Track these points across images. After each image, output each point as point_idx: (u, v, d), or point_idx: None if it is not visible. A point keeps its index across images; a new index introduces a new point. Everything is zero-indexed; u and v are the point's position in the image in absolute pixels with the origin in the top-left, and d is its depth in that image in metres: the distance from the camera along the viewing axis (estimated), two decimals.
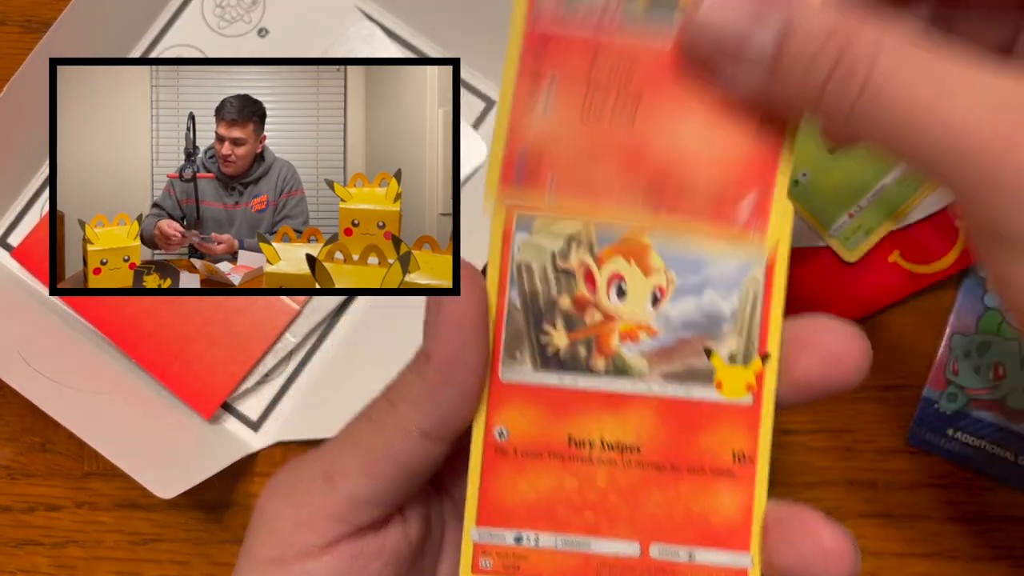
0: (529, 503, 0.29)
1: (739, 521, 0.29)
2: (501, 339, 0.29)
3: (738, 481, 0.29)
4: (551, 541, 0.29)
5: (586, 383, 0.29)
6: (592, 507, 0.29)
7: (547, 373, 0.29)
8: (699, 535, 0.29)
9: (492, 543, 0.29)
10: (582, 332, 0.29)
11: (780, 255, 0.29)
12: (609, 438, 0.29)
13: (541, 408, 0.29)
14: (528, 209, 0.29)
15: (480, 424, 0.29)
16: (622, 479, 0.29)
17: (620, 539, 0.29)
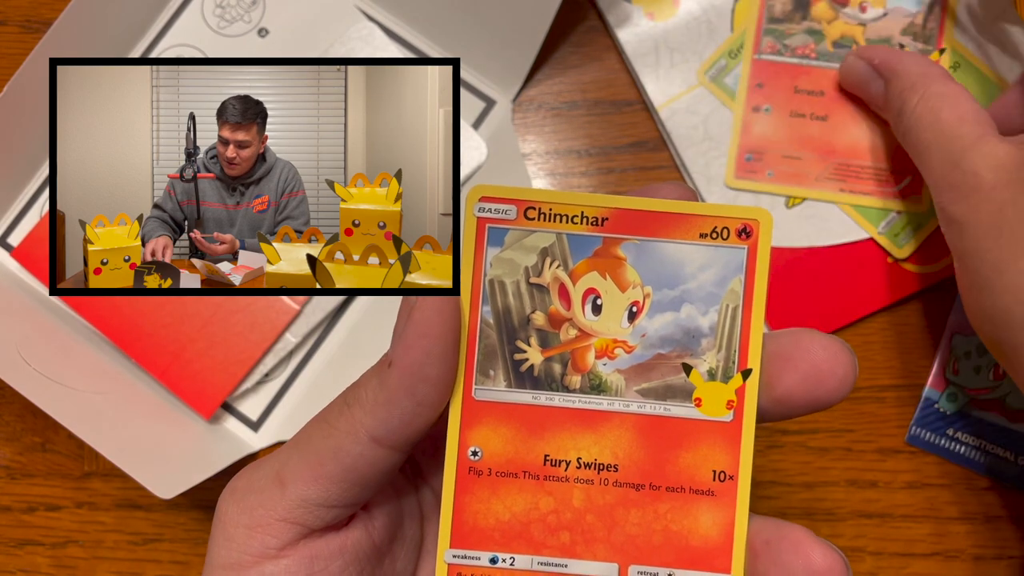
0: (504, 524, 0.29)
1: (720, 541, 0.29)
2: (474, 356, 0.29)
3: (719, 500, 0.29)
4: (527, 563, 0.29)
5: (562, 401, 0.29)
6: (569, 528, 0.29)
7: (521, 391, 0.29)
8: (679, 556, 0.29)
9: (467, 564, 0.29)
10: (557, 348, 0.29)
11: (760, 267, 0.29)
12: (586, 457, 0.29)
13: (516, 427, 0.29)
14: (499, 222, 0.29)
15: (453, 444, 0.29)
16: (599, 499, 0.29)
17: (598, 560, 0.29)
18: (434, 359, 0.27)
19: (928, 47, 0.51)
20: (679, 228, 0.29)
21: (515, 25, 0.52)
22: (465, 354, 0.29)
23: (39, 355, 0.48)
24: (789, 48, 0.52)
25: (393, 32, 0.55)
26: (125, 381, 0.51)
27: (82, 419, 0.45)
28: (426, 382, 0.27)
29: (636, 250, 0.29)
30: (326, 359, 0.53)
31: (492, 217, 0.29)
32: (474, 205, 0.29)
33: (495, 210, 0.29)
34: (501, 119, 0.54)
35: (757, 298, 0.29)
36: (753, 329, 0.29)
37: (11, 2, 0.56)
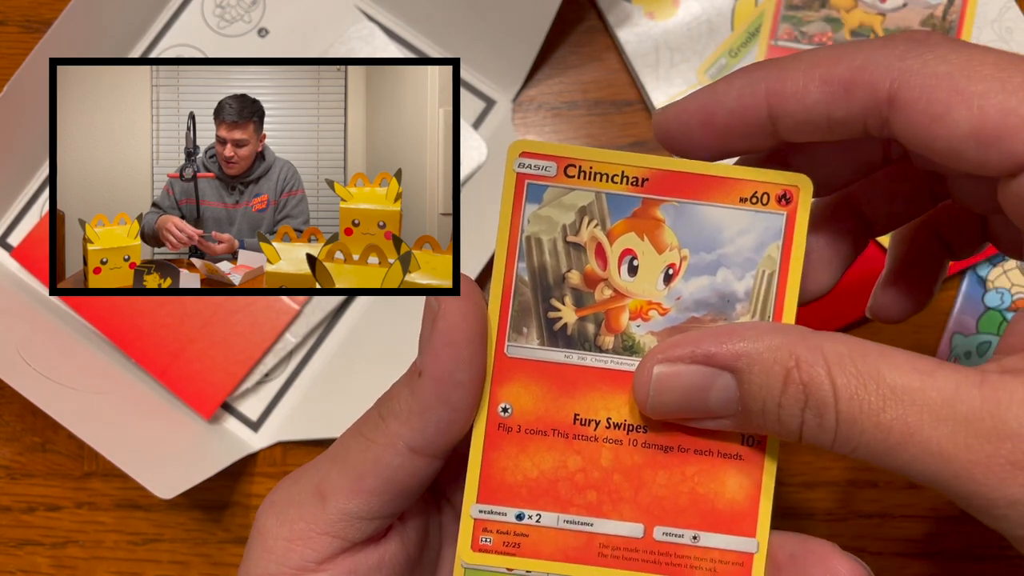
0: (531, 481, 0.29)
1: (746, 506, 0.29)
2: (508, 313, 0.29)
3: (746, 465, 0.29)
4: (553, 520, 0.29)
5: (594, 360, 0.29)
6: (596, 487, 0.29)
7: (554, 349, 0.29)
8: (704, 519, 0.29)
9: (493, 520, 0.29)
10: (591, 308, 0.29)
11: (798, 234, 0.29)
12: (615, 418, 0.29)
13: (547, 385, 0.29)
14: (539, 178, 0.29)
15: (484, 399, 0.29)
16: (627, 460, 0.29)
17: (623, 520, 0.29)
18: (463, 365, 0.27)
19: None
20: (719, 191, 0.29)
21: (515, 25, 0.52)
22: (499, 310, 0.29)
23: (39, 355, 0.48)
24: (806, 35, 0.52)
25: (393, 32, 0.55)
26: (125, 381, 0.51)
27: (82, 419, 0.45)
28: (458, 388, 0.27)
29: (675, 212, 0.29)
30: (326, 359, 0.53)
31: (532, 173, 0.29)
32: (514, 160, 0.29)
33: (535, 166, 0.29)
34: (501, 119, 0.54)
35: (794, 265, 0.29)
36: (788, 296, 0.29)
37: (11, 2, 0.56)
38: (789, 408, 0.25)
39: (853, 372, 0.24)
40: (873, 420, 0.24)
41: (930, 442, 0.23)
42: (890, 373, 0.24)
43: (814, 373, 0.25)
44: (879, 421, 0.24)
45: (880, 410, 0.24)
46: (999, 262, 0.51)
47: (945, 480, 0.24)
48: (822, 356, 0.25)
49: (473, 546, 0.29)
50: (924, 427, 0.24)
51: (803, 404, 0.25)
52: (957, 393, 0.24)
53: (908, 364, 0.24)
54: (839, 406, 0.24)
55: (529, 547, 0.29)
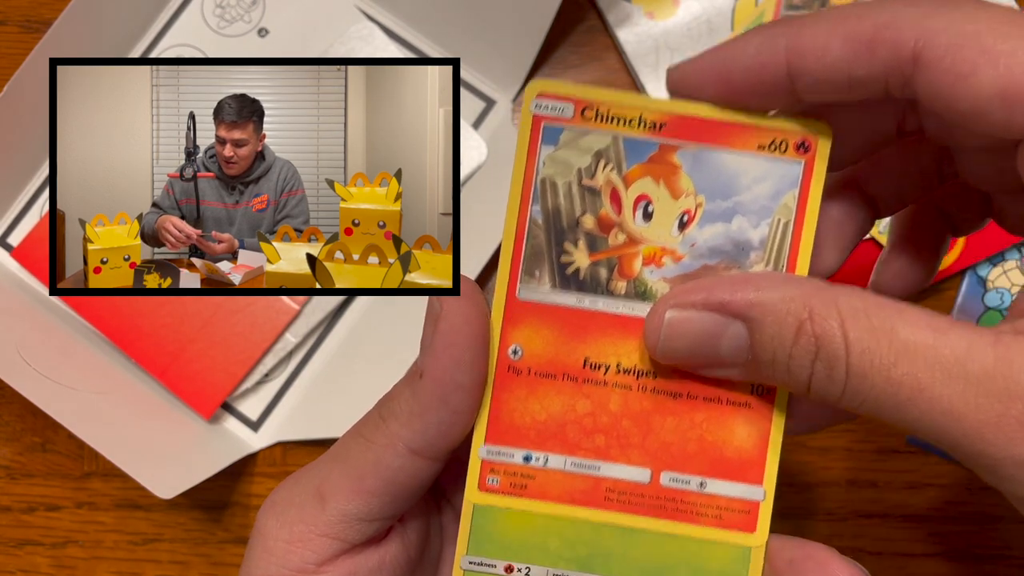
0: (540, 424, 0.29)
1: (754, 454, 0.29)
2: (521, 256, 0.29)
3: (755, 413, 0.29)
4: (560, 463, 0.29)
5: (605, 305, 0.29)
6: (604, 431, 0.29)
7: (566, 293, 0.29)
8: (712, 466, 0.29)
9: (500, 461, 0.29)
10: (604, 253, 0.29)
11: (815, 183, 0.28)
12: (626, 363, 0.29)
13: (557, 329, 0.29)
14: (555, 120, 0.28)
15: (494, 341, 0.29)
16: (636, 405, 0.29)
17: (631, 464, 0.29)
18: (465, 367, 0.27)
19: None
20: (738, 138, 0.28)
21: (515, 25, 0.52)
22: (512, 252, 0.29)
23: (39, 355, 0.48)
24: None
25: (393, 32, 0.55)
26: (125, 381, 0.51)
27: (82, 419, 0.45)
28: (459, 390, 0.27)
29: (692, 158, 0.28)
30: (326, 359, 0.53)
31: (548, 115, 0.28)
32: (531, 101, 0.28)
33: (552, 107, 0.29)
34: (501, 119, 0.54)
35: (809, 214, 0.29)
36: (803, 245, 0.29)
37: (11, 2, 0.56)
38: (799, 359, 0.25)
39: (866, 326, 0.24)
40: (884, 375, 0.24)
41: (940, 399, 0.23)
42: (904, 329, 0.24)
43: (827, 326, 0.25)
44: (890, 376, 0.24)
45: (891, 365, 0.24)
46: (999, 262, 0.51)
47: (953, 438, 0.24)
48: (836, 309, 0.25)
49: (480, 486, 0.29)
50: (935, 384, 0.23)
51: (814, 356, 0.25)
52: (970, 352, 0.23)
53: (922, 321, 0.24)
54: (850, 359, 0.24)
55: (535, 489, 0.29)
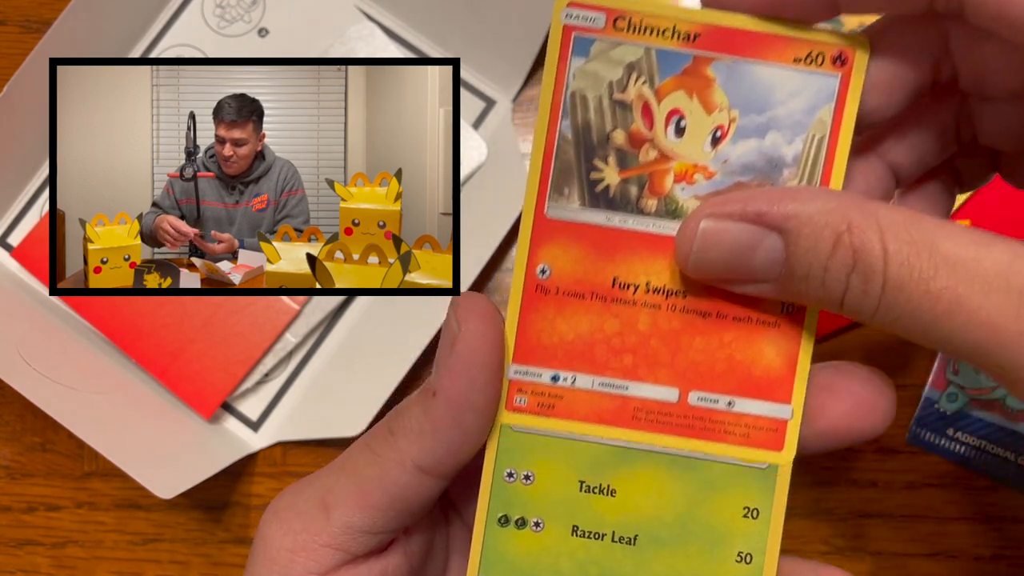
0: (568, 344, 0.29)
1: (782, 373, 0.29)
2: (550, 173, 0.28)
3: (784, 332, 0.28)
4: (588, 383, 0.29)
5: (635, 224, 0.28)
6: (632, 351, 0.29)
7: (595, 211, 0.28)
8: (740, 385, 0.29)
9: (528, 381, 0.29)
10: (635, 170, 0.28)
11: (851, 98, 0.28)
12: (655, 282, 0.28)
13: (586, 247, 0.28)
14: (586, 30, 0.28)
15: (522, 261, 0.28)
16: (665, 324, 0.28)
17: (659, 384, 0.29)
18: (479, 389, 0.27)
19: None
20: (774, 50, 0.28)
21: (515, 25, 0.52)
22: (540, 169, 0.28)
23: (39, 355, 0.48)
24: None
25: (393, 32, 0.55)
26: (125, 381, 0.51)
27: (82, 419, 0.45)
28: (472, 411, 0.27)
29: (727, 71, 0.28)
30: (326, 359, 0.53)
31: (579, 25, 0.28)
32: (561, 11, 0.27)
33: (583, 17, 0.28)
34: (501, 119, 0.54)
35: (844, 130, 0.28)
36: (837, 163, 0.28)
37: (11, 2, 0.56)
38: (835, 272, 0.25)
39: (907, 239, 0.24)
40: (922, 288, 0.23)
41: (979, 311, 0.23)
42: (945, 242, 0.23)
43: (866, 238, 0.24)
44: (928, 289, 0.23)
45: (931, 278, 0.23)
46: None
47: (988, 350, 0.23)
48: (876, 221, 0.24)
49: (508, 406, 0.29)
50: (975, 296, 0.23)
51: (850, 269, 0.24)
52: (1013, 265, 0.23)
53: (965, 235, 0.24)
54: (888, 271, 0.24)
55: (563, 408, 0.29)
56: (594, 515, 0.29)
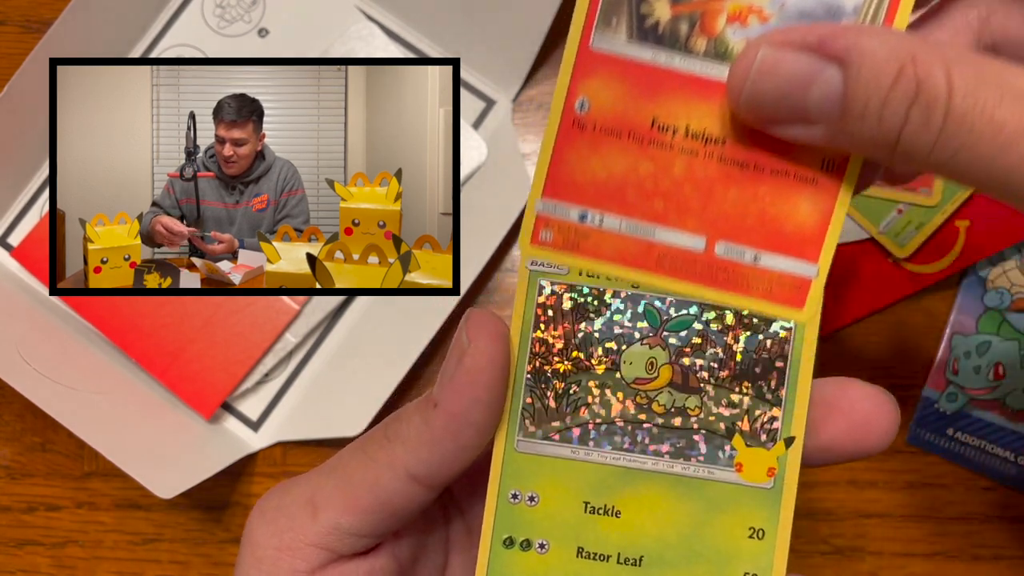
0: (599, 182, 0.28)
1: (814, 231, 0.28)
2: (599, 1, 0.27)
3: (821, 190, 0.27)
4: (615, 224, 0.28)
5: (682, 63, 0.27)
6: (664, 196, 0.28)
7: (642, 47, 0.27)
8: (769, 239, 0.28)
9: (555, 216, 0.28)
10: (687, 7, 0.27)
11: None
12: (695, 127, 0.27)
13: (628, 84, 0.27)
14: None
15: (561, 92, 0.27)
16: (700, 172, 0.27)
17: (687, 232, 0.28)
18: (481, 407, 0.27)
19: None
20: None
21: (515, 25, 0.52)
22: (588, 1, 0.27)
23: (39, 355, 0.48)
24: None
25: (393, 32, 0.55)
26: (125, 381, 0.51)
27: (82, 419, 0.45)
28: (471, 427, 0.27)
29: None
30: (326, 359, 0.53)
31: None
32: None
33: None
34: (501, 119, 0.54)
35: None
36: (900, 13, 0.27)
37: (11, 2, 0.56)
38: (894, 106, 0.23)
39: (973, 73, 0.23)
40: (987, 116, 0.22)
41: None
42: (1012, 76, 0.23)
43: (932, 70, 0.23)
44: (993, 116, 0.22)
45: (996, 106, 0.22)
46: (999, 262, 0.51)
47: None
48: (941, 56, 0.23)
49: (533, 240, 0.28)
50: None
51: (911, 100, 0.23)
52: None
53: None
54: (952, 101, 0.23)
55: (588, 247, 0.28)
56: (599, 536, 0.28)
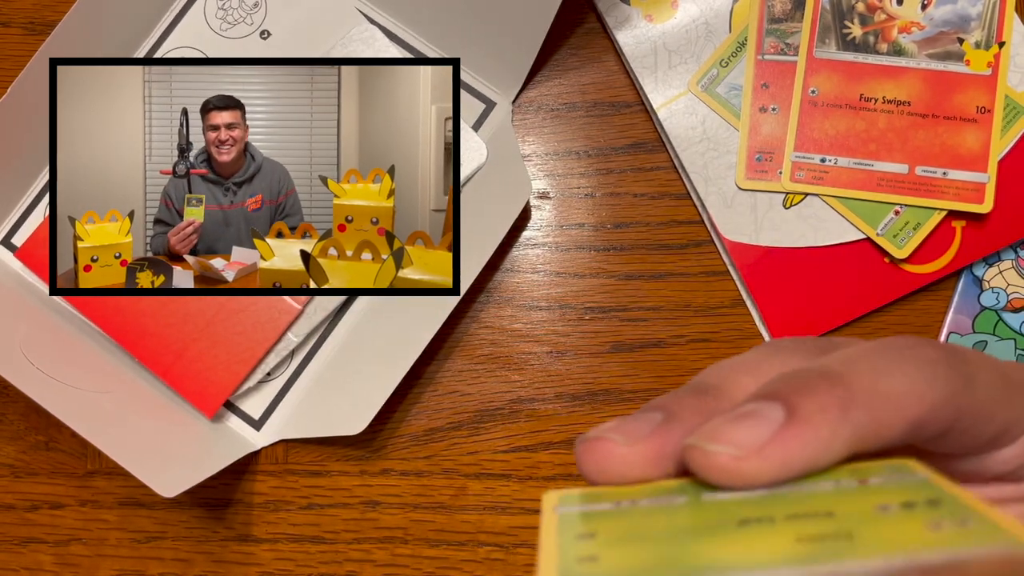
0: (830, 137, 0.49)
1: (980, 153, 0.48)
2: (816, 29, 0.49)
3: (980, 126, 0.48)
4: (846, 162, 0.49)
5: (874, 60, 0.49)
6: (875, 140, 0.49)
7: (846, 53, 0.50)
8: (951, 160, 0.48)
9: (804, 162, 0.49)
10: (872, 26, 0.48)
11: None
12: (889, 96, 0.49)
13: (841, 75, 0.49)
14: None
15: (799, 85, 0.49)
16: (897, 123, 0.49)
17: (894, 162, 0.48)
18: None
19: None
20: None
21: (515, 27, 0.52)
22: (810, 25, 0.48)
23: (42, 354, 0.48)
24: (792, 47, 0.52)
25: (394, 35, 0.55)
26: (128, 380, 0.51)
27: (85, 418, 0.45)
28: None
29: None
30: (328, 358, 0.53)
31: None
32: None
33: None
34: (501, 120, 0.54)
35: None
36: (1008, 14, 0.49)
37: (15, 4, 0.57)
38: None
39: None
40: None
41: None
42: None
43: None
44: None
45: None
46: (995, 262, 0.51)
47: None
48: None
49: (791, 178, 0.49)
50: None
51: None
52: None
53: None
54: None
55: (830, 179, 0.49)
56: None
